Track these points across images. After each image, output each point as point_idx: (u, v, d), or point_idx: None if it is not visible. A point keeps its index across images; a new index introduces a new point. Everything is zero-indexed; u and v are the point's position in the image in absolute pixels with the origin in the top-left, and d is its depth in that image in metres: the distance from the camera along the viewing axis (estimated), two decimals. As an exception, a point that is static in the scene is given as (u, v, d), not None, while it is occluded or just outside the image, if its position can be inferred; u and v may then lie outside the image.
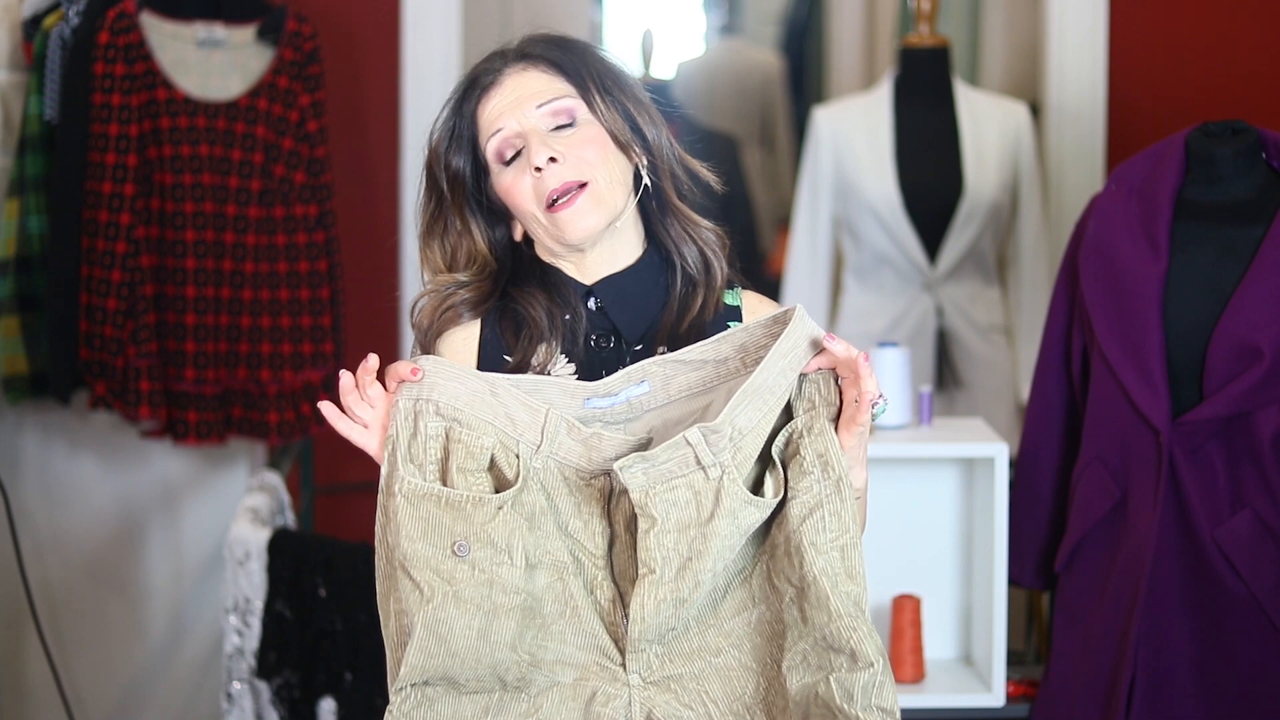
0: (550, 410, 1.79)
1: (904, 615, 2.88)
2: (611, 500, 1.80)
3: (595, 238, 1.91)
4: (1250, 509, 2.55)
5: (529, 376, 1.83)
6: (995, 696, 2.84)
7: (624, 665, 1.78)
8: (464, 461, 1.77)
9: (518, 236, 1.96)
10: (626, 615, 1.78)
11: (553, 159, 1.87)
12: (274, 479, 3.29)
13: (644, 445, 1.79)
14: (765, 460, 1.78)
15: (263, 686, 3.05)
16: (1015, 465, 2.89)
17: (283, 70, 3.41)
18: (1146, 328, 2.58)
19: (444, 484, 1.77)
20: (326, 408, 1.83)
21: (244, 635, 3.06)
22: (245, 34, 3.43)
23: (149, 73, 3.34)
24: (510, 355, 1.91)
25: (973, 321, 3.62)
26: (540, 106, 1.89)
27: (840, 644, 1.73)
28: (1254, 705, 2.59)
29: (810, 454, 1.76)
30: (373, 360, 1.81)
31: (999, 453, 2.81)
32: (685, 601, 1.75)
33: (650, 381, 1.81)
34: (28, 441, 3.56)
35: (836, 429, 1.79)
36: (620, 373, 1.82)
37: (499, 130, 1.90)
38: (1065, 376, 2.78)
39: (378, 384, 1.82)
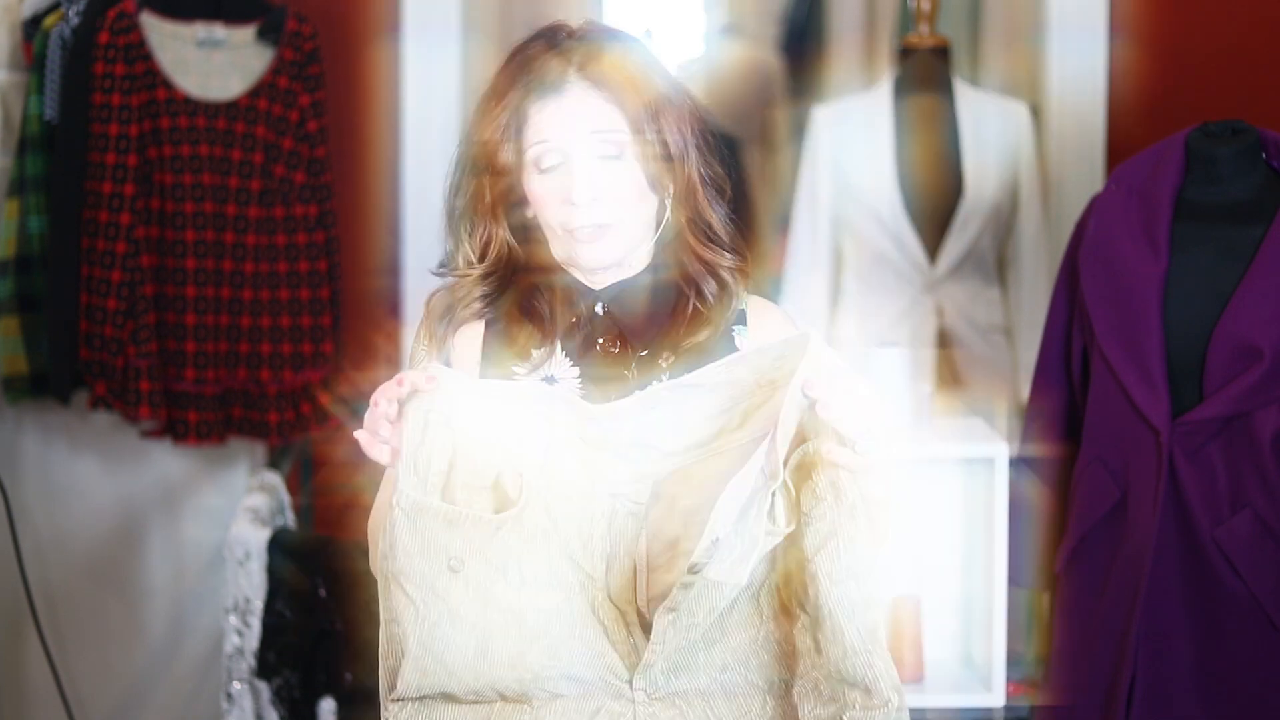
0: (555, 429, 1.77)
1: (904, 615, 2.88)
2: (613, 521, 1.78)
3: (607, 266, 1.92)
4: (1250, 509, 2.54)
5: (540, 389, 1.82)
6: (995, 696, 2.84)
7: (630, 682, 1.77)
8: (468, 478, 1.76)
9: (531, 214, 1.95)
10: (630, 633, 1.77)
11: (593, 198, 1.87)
12: (274, 479, 3.29)
13: (646, 474, 1.77)
14: None
15: (263, 686, 3.05)
16: (1015, 465, 2.88)
17: (283, 70, 3.41)
18: (1146, 328, 2.58)
19: (446, 497, 1.75)
20: (362, 436, 1.76)
21: (244, 635, 3.06)
22: (245, 34, 3.43)
23: (149, 73, 3.34)
24: (513, 350, 1.90)
25: (973, 321, 3.61)
26: (594, 133, 1.88)
27: (855, 679, 1.71)
28: (1254, 705, 2.58)
29: (823, 480, 1.73)
30: (406, 386, 1.74)
31: (999, 453, 2.81)
32: (697, 625, 1.75)
33: (662, 408, 1.78)
34: (28, 441, 3.56)
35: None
36: (631, 399, 1.79)
37: (545, 140, 1.88)
38: (1065, 376, 2.78)
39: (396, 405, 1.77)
